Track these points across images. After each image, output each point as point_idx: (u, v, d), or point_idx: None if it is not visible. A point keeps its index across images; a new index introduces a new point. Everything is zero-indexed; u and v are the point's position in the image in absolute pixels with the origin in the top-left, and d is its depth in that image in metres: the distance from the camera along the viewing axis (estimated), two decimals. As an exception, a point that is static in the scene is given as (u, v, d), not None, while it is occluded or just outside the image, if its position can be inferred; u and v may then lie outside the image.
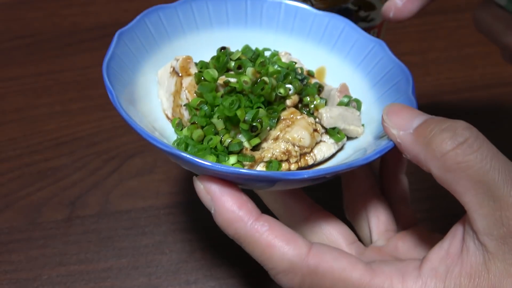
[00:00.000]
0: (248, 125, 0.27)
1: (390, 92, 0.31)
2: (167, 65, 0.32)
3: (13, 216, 0.42)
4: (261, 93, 0.28)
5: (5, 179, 0.45)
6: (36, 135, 0.49)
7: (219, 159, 0.27)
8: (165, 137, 0.29)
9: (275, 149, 0.28)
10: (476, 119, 0.49)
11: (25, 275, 0.38)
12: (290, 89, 0.30)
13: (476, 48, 0.56)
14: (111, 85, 0.27)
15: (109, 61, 0.29)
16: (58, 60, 0.57)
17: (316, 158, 0.29)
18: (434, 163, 0.21)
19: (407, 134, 0.23)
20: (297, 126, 0.28)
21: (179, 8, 0.33)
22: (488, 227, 0.19)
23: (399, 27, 0.60)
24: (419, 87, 0.52)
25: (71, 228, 0.41)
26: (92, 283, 0.37)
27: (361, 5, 0.39)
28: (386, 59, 0.32)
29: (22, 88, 0.54)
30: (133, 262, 0.38)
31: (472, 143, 0.20)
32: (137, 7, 0.65)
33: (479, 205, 0.19)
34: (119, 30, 0.30)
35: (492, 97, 0.50)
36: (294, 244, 0.22)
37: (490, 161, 0.20)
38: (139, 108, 0.29)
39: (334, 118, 0.29)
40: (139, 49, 0.31)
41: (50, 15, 0.64)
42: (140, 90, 0.30)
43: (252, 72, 0.29)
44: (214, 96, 0.28)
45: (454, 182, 0.21)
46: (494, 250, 0.19)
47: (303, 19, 0.34)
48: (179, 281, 0.37)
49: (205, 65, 0.31)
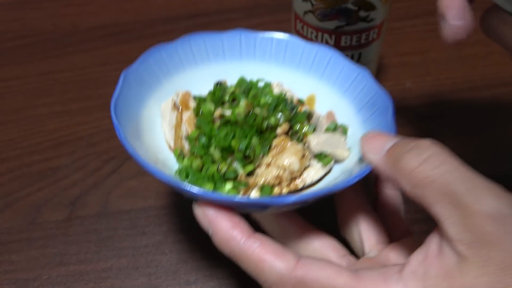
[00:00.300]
0: (242, 154, 0.30)
1: (374, 116, 0.33)
2: (169, 100, 0.35)
3: (13, 216, 0.42)
4: (253, 123, 0.31)
5: (5, 179, 0.45)
6: (36, 135, 0.49)
7: (216, 186, 0.30)
8: (168, 166, 0.32)
9: (267, 175, 0.31)
10: (476, 119, 0.49)
11: (25, 275, 0.38)
12: (280, 119, 0.32)
13: (476, 48, 0.56)
14: (118, 122, 0.29)
15: (116, 100, 0.31)
16: (58, 60, 0.57)
17: (305, 181, 0.32)
18: (404, 180, 0.24)
19: (380, 157, 0.25)
20: (287, 152, 0.31)
21: (179, 47, 0.36)
22: (458, 234, 0.21)
23: (399, 27, 0.60)
24: (419, 87, 0.52)
25: (71, 228, 0.41)
26: (92, 283, 0.37)
27: (361, 5, 0.39)
28: (369, 86, 0.34)
29: (22, 88, 0.54)
30: (133, 262, 0.38)
31: (435, 159, 0.22)
32: (137, 7, 0.65)
33: (448, 215, 0.21)
34: (124, 71, 0.33)
35: (492, 97, 0.50)
36: (283, 258, 0.24)
37: (453, 174, 0.22)
38: (145, 140, 0.32)
39: (321, 144, 0.32)
40: (143, 86, 0.34)
41: (50, 15, 0.64)
42: (146, 122, 0.33)
43: (245, 104, 0.32)
44: (211, 128, 0.31)
45: (423, 196, 0.23)
46: (466, 254, 0.21)
47: (293, 51, 0.37)
48: (179, 281, 0.37)
49: (203, 100, 0.34)
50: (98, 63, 0.57)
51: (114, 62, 0.57)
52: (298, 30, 0.44)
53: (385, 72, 0.53)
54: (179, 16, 0.63)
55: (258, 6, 0.64)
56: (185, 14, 0.63)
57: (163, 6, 0.65)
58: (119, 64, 0.56)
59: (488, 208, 0.21)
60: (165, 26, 0.61)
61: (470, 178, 0.22)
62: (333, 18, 0.40)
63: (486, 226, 0.20)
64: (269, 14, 0.63)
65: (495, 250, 0.20)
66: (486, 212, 0.20)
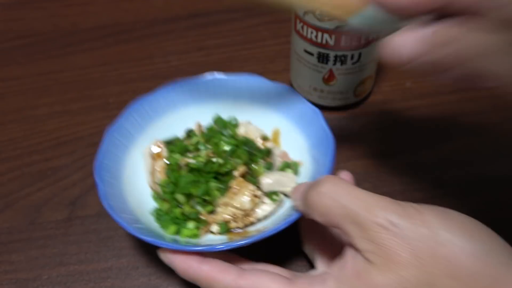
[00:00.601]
0: (201, 198, 0.36)
1: (320, 155, 0.37)
2: (147, 147, 0.41)
3: (13, 216, 0.42)
4: (211, 170, 0.37)
5: (5, 179, 0.45)
6: (36, 135, 0.49)
7: (180, 225, 0.36)
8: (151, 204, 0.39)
9: (224, 213, 0.36)
10: (476, 119, 0.49)
11: (25, 275, 0.38)
12: (237, 163, 0.38)
13: (476, 48, 0.56)
14: (100, 179, 0.35)
15: (99, 161, 0.37)
16: (58, 60, 0.57)
17: (257, 216, 0.37)
18: (314, 214, 0.29)
19: (299, 202, 0.31)
20: (240, 193, 0.37)
21: (160, 96, 0.42)
22: (363, 246, 0.26)
23: (399, 27, 0.60)
24: (419, 87, 0.52)
25: (71, 228, 0.41)
26: (92, 283, 0.37)
27: (361, 5, 0.39)
28: (320, 126, 0.38)
29: (22, 88, 0.54)
30: (133, 262, 0.38)
31: (330, 191, 0.28)
32: (137, 7, 0.65)
33: (353, 232, 0.26)
34: (107, 129, 0.39)
35: (492, 97, 0.50)
36: (227, 272, 0.30)
37: (348, 198, 0.27)
38: (130, 182, 0.38)
39: (271, 184, 0.37)
40: (127, 137, 0.40)
41: (50, 15, 0.64)
42: (130, 167, 0.39)
43: (205, 154, 0.38)
44: (177, 176, 0.37)
45: (331, 221, 0.28)
46: (371, 259, 0.26)
47: (262, 90, 0.42)
48: (179, 281, 0.37)
49: (172, 149, 0.40)
50: (98, 63, 0.57)
51: (114, 62, 0.57)
52: (298, 30, 0.44)
53: (385, 72, 0.53)
54: (179, 16, 0.63)
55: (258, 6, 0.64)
56: (185, 14, 0.63)
57: (163, 6, 0.65)
58: (119, 64, 0.56)
59: (380, 220, 0.25)
60: (165, 26, 0.61)
61: (362, 198, 0.27)
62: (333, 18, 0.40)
63: (381, 235, 0.25)
64: (269, 14, 0.63)
65: (392, 253, 0.25)
66: (378, 223, 0.25)
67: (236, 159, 0.38)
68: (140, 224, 0.35)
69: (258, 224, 0.37)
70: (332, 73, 0.45)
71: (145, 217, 0.36)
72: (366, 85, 0.48)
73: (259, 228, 0.36)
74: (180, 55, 0.57)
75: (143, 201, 0.38)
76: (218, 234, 0.36)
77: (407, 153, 0.45)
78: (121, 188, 0.37)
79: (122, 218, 0.33)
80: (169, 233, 0.36)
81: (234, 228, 0.37)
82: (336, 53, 0.43)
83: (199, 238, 0.36)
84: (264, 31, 0.60)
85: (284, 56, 0.56)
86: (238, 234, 0.36)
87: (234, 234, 0.36)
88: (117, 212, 0.34)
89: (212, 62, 0.56)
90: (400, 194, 0.42)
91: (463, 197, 0.41)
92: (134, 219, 0.35)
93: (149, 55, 0.57)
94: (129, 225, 0.33)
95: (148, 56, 0.57)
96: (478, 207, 0.40)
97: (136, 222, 0.35)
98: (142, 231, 0.33)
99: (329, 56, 0.43)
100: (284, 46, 0.58)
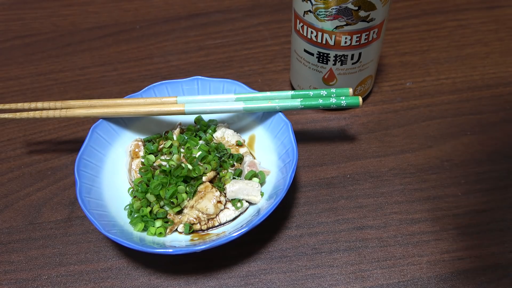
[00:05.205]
0: (169, 200, 0.38)
1: (284, 167, 0.39)
2: (128, 145, 0.43)
3: (13, 216, 0.42)
4: (180, 175, 0.39)
5: (5, 179, 0.45)
6: (36, 135, 0.49)
7: (148, 223, 0.38)
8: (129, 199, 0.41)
9: (189, 215, 0.38)
10: (476, 119, 0.49)
11: (25, 275, 0.38)
12: (206, 168, 0.40)
13: (476, 48, 0.56)
14: (78, 177, 0.38)
15: (81, 153, 0.39)
16: (58, 60, 0.57)
17: (220, 221, 0.39)
18: None
19: None
20: (205, 198, 0.39)
21: (143, 94, 0.44)
22: None
23: (399, 27, 0.60)
24: (419, 87, 0.52)
25: (71, 228, 0.41)
26: (92, 283, 0.37)
27: (361, 5, 0.39)
28: (288, 139, 0.40)
29: (22, 88, 0.54)
30: (133, 262, 0.38)
31: None
32: (137, 7, 0.65)
33: None
34: (93, 125, 0.41)
35: (492, 97, 0.50)
36: None
37: None
38: (110, 177, 0.41)
39: (235, 192, 0.39)
40: (111, 134, 0.42)
41: (50, 15, 0.65)
42: (112, 163, 0.42)
43: (177, 158, 0.40)
44: (149, 178, 0.39)
45: None
46: None
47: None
48: (179, 281, 0.37)
49: (148, 150, 0.42)
50: (98, 63, 0.57)
51: (114, 62, 0.57)
52: (298, 30, 0.44)
53: (385, 72, 0.53)
54: (179, 16, 0.63)
55: (258, 6, 0.64)
56: (185, 14, 0.63)
57: (163, 6, 0.65)
58: (119, 64, 0.56)
59: None
60: (165, 26, 0.61)
61: None
62: (333, 18, 0.40)
63: None
64: (269, 14, 0.63)
65: None
66: None
67: (206, 165, 0.40)
68: (111, 220, 0.37)
69: (220, 227, 0.39)
70: (332, 73, 0.45)
71: (120, 212, 0.39)
72: (366, 85, 0.48)
73: (219, 232, 0.38)
74: (180, 55, 0.57)
75: (121, 196, 0.40)
76: (184, 234, 0.38)
77: (407, 153, 0.45)
78: (100, 183, 0.40)
79: (93, 214, 0.35)
80: (136, 230, 0.37)
81: (198, 229, 0.38)
82: (336, 53, 0.43)
83: (165, 236, 0.38)
84: (264, 31, 0.60)
85: (284, 56, 0.56)
86: (200, 236, 0.38)
87: (197, 235, 0.38)
88: (89, 208, 0.36)
89: (212, 62, 0.56)
90: (400, 194, 0.42)
91: (463, 197, 0.41)
92: (106, 215, 0.37)
93: (149, 55, 0.57)
94: (98, 221, 0.35)
95: (148, 56, 0.57)
96: (477, 207, 0.40)
97: (107, 219, 0.37)
98: (110, 228, 0.35)
99: (329, 56, 0.43)
100: (284, 46, 0.58)
